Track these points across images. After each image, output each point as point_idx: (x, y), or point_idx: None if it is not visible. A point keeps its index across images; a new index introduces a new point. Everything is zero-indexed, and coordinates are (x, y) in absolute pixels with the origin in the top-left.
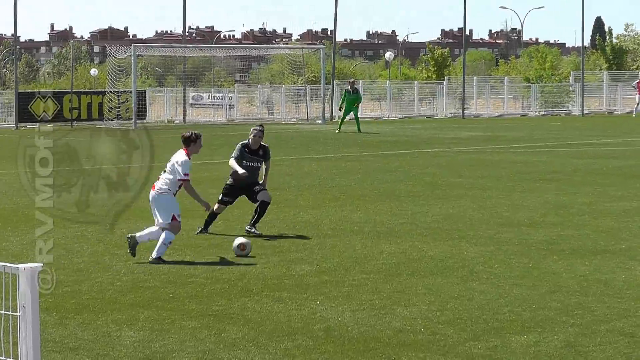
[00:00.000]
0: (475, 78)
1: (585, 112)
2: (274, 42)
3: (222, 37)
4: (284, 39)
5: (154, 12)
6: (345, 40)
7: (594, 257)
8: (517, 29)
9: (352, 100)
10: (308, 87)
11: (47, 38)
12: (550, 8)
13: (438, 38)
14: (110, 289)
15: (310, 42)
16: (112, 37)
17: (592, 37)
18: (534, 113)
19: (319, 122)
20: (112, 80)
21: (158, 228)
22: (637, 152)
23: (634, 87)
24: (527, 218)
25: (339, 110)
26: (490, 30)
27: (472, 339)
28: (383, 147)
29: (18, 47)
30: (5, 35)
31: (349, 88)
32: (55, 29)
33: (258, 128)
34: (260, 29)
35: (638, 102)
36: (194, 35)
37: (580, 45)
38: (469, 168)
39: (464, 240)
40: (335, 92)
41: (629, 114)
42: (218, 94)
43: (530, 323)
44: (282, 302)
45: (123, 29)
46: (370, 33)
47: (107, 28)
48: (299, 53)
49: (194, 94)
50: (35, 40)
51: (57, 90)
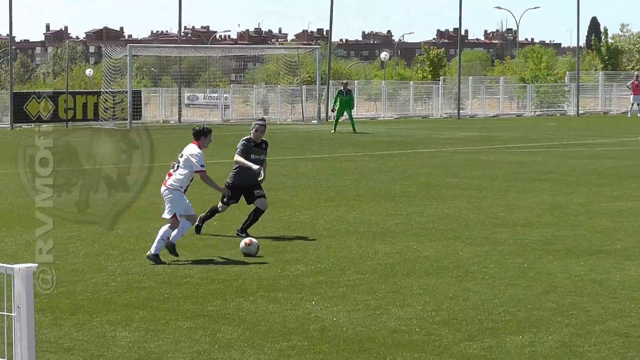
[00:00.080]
0: (471, 78)
1: (581, 112)
2: (270, 42)
3: (217, 37)
4: (280, 39)
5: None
6: (341, 41)
7: (589, 257)
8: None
9: (345, 102)
10: (303, 87)
11: (42, 38)
12: (546, 8)
13: (433, 38)
14: (105, 290)
15: (306, 42)
16: (107, 37)
17: (587, 37)
18: (530, 113)
19: (315, 122)
20: (107, 81)
21: (168, 229)
22: (632, 152)
23: (628, 87)
24: (522, 218)
25: (332, 112)
26: (486, 31)
27: (467, 339)
28: (378, 147)
29: (13, 47)
30: (1, 36)
31: (342, 89)
32: (51, 29)
33: (260, 122)
34: (256, 29)
35: (633, 102)
36: (190, 36)
37: (576, 46)
38: (465, 168)
39: (459, 241)
40: (331, 92)
41: (624, 114)
42: (213, 94)
43: (525, 323)
44: (277, 302)
45: (118, 29)
46: (366, 33)
47: (102, 28)
48: (295, 53)
49: (190, 94)
50: (31, 41)
51: (52, 91)
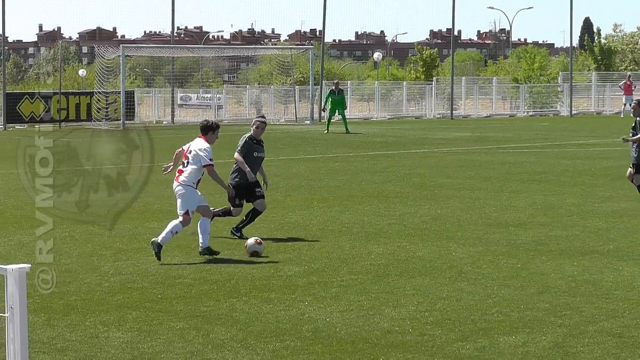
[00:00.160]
0: (464, 78)
1: (574, 112)
2: (263, 42)
3: (210, 37)
4: (273, 40)
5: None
6: (334, 41)
7: (583, 257)
8: (505, 30)
9: (337, 101)
10: (296, 87)
11: (35, 38)
12: (539, 8)
13: (426, 38)
14: (98, 290)
15: (299, 42)
16: (100, 37)
17: (580, 37)
18: (523, 113)
19: (308, 122)
20: (100, 81)
21: (203, 219)
22: (625, 152)
23: (620, 87)
24: (515, 219)
25: (323, 111)
26: (479, 31)
27: (460, 340)
28: (371, 147)
29: (6, 47)
30: None
31: (334, 88)
32: (44, 30)
33: (261, 119)
34: (249, 30)
35: (625, 102)
36: (183, 36)
37: (569, 46)
38: (458, 169)
39: (453, 241)
40: (324, 93)
41: (617, 115)
42: (206, 95)
43: (519, 324)
44: (270, 302)
45: (111, 30)
46: (359, 33)
47: (95, 28)
48: (288, 54)
49: (183, 95)
50: (24, 41)
51: (45, 91)
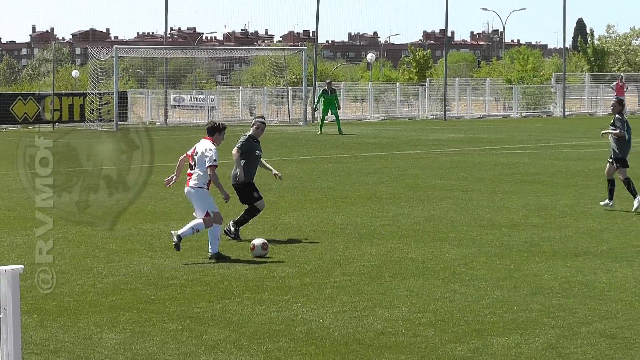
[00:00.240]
0: (457, 80)
1: (567, 113)
2: (256, 43)
3: (204, 38)
4: (266, 41)
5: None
6: (327, 42)
7: (576, 258)
8: (498, 31)
9: (329, 101)
10: (290, 88)
11: (28, 40)
12: (532, 10)
13: (420, 40)
14: (91, 291)
15: (292, 43)
16: (93, 38)
17: (573, 38)
18: (516, 115)
19: (301, 123)
20: (93, 82)
21: (215, 227)
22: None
23: (612, 88)
24: (508, 220)
25: (314, 111)
26: (472, 32)
27: (453, 341)
28: (365, 148)
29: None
30: None
31: (327, 88)
32: (37, 30)
33: (261, 119)
34: (242, 31)
35: None
36: (176, 37)
37: (562, 47)
38: (451, 170)
39: (446, 242)
40: (317, 94)
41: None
42: (200, 96)
43: (512, 325)
44: (263, 304)
45: (105, 31)
46: (352, 35)
47: (88, 29)
48: (281, 55)
49: (176, 96)
50: (17, 42)
51: (38, 92)
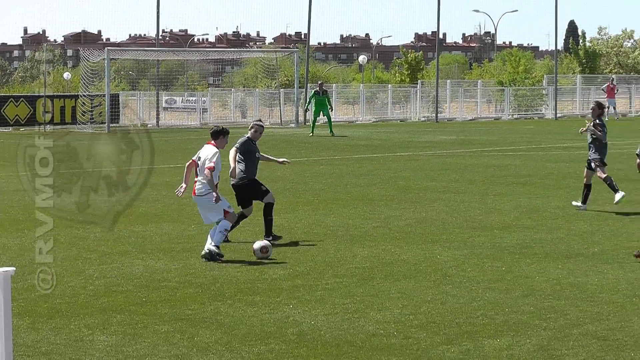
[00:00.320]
0: (449, 82)
1: (559, 115)
2: (248, 45)
3: (195, 40)
4: (258, 43)
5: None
6: (319, 44)
7: (567, 260)
8: (490, 33)
9: (321, 102)
10: (281, 90)
11: (20, 41)
12: (524, 12)
13: (412, 41)
14: (83, 293)
15: (284, 45)
16: (85, 40)
17: (565, 40)
18: (507, 116)
19: (293, 125)
20: (85, 84)
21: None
22: (609, 156)
23: (603, 90)
24: (500, 222)
25: (306, 112)
26: (464, 34)
27: (445, 343)
28: (356, 150)
29: None
30: None
31: (318, 89)
32: (29, 32)
33: (260, 123)
34: (234, 33)
35: (608, 105)
36: (168, 39)
37: (554, 49)
38: (442, 172)
39: (437, 244)
40: (309, 96)
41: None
42: (191, 98)
43: (503, 327)
44: (255, 306)
45: (96, 33)
46: (344, 37)
47: (80, 31)
48: (273, 57)
49: (168, 98)
50: (9, 44)
51: (29, 94)
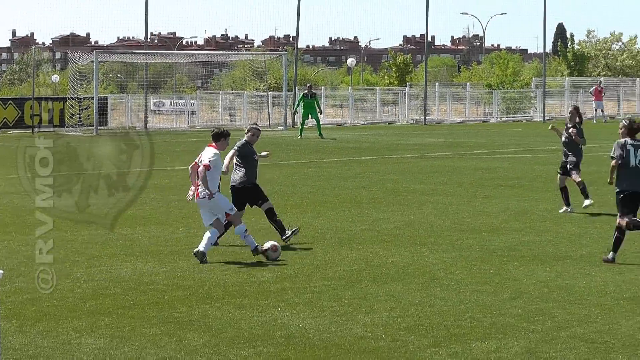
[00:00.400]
0: (437, 84)
1: (547, 118)
2: (236, 48)
3: (184, 43)
4: (246, 45)
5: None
6: (308, 47)
7: (555, 263)
8: (479, 35)
9: (309, 105)
10: (270, 93)
11: (8, 44)
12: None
13: (400, 44)
14: (71, 296)
15: (273, 48)
16: (73, 43)
17: (553, 43)
18: (496, 119)
19: (281, 128)
20: (73, 87)
21: (211, 229)
22: (597, 158)
23: (591, 93)
24: (488, 224)
25: (294, 114)
26: (452, 37)
27: (433, 345)
28: (345, 153)
29: None
30: None
31: (307, 92)
32: (17, 35)
33: (256, 126)
34: (223, 35)
35: (596, 108)
36: (156, 42)
37: (542, 52)
38: (431, 174)
39: (425, 247)
40: (297, 98)
41: (589, 120)
42: (180, 101)
43: (491, 329)
44: (243, 308)
45: (85, 35)
46: (333, 39)
47: (69, 34)
48: (261, 59)
49: (156, 101)
50: None
51: (18, 97)
